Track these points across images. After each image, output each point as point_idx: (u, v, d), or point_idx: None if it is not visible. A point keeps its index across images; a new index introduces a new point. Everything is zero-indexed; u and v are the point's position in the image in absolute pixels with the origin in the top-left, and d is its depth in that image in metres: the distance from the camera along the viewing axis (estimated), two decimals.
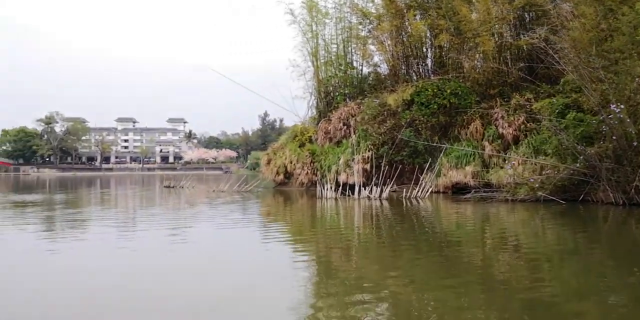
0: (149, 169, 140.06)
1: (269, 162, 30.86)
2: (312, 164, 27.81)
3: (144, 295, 5.89)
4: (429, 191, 21.52)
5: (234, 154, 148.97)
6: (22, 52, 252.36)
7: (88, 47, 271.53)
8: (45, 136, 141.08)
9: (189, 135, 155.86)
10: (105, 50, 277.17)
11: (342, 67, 30.45)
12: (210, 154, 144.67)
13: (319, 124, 28.97)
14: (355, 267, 7.66)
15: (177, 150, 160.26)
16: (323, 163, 27.04)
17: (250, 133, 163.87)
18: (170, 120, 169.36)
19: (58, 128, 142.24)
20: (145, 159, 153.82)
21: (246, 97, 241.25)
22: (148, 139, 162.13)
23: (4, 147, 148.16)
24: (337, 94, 30.15)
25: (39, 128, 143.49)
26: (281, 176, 29.58)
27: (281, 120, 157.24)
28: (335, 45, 31.33)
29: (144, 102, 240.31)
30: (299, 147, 29.49)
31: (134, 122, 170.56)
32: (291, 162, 28.81)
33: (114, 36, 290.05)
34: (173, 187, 35.14)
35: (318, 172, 27.26)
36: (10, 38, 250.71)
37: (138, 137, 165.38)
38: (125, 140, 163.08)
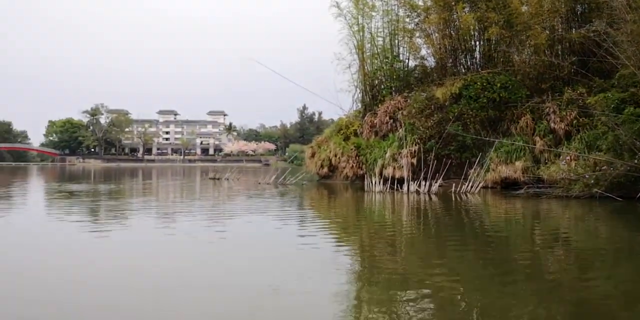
0: (190, 161, 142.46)
1: (313, 155, 31.05)
2: (357, 158, 27.84)
3: (205, 281, 6.12)
4: (479, 186, 21.32)
5: (272, 146, 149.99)
6: (59, 44, 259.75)
7: (126, 39, 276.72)
8: (91, 127, 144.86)
9: (229, 128, 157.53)
10: (139, 42, 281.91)
11: (388, 60, 30.29)
12: (250, 146, 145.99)
13: (365, 118, 28.94)
14: (401, 261, 7.66)
15: (217, 142, 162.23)
16: (368, 157, 27.05)
17: (288, 126, 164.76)
18: (211, 113, 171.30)
19: (103, 120, 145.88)
20: (186, 151, 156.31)
21: (285, 90, 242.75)
22: (189, 131, 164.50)
23: (51, 138, 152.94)
24: (382, 87, 30.06)
25: (84, 119, 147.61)
26: (325, 169, 29.71)
27: (320, 114, 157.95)
28: (382, 38, 31.20)
29: (185, 94, 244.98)
30: (344, 140, 29.53)
31: (175, 115, 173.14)
32: (336, 156, 28.89)
33: (153, 29, 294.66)
34: (218, 179, 35.67)
35: (363, 166, 27.29)
36: (54, 33, 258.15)
37: (179, 129, 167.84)
38: (167, 132, 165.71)
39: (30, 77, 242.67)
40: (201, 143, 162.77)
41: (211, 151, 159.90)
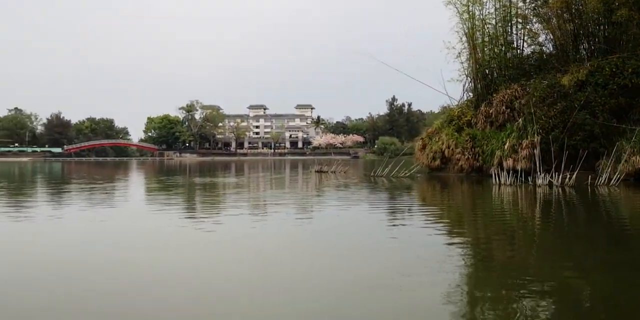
0: (280, 154, 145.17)
1: (424, 147, 30.59)
2: (472, 149, 27.13)
3: (321, 274, 5.92)
4: (620, 179, 20.06)
5: (360, 139, 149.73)
6: (153, 44, 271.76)
7: (210, 37, 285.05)
8: (186, 123, 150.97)
9: (317, 121, 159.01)
10: (226, 35, 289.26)
11: (502, 48, 29.26)
12: (338, 139, 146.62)
13: (480, 108, 28.10)
14: (531, 259, 7.23)
15: (304, 135, 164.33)
16: (485, 148, 26.30)
17: (375, 117, 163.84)
18: (299, 107, 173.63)
19: (197, 115, 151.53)
20: (276, 144, 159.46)
21: (374, 83, 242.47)
22: (277, 125, 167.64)
23: (150, 134, 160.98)
24: (496, 75, 29.09)
25: (180, 116, 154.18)
26: (437, 162, 29.16)
27: (409, 105, 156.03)
28: (493, 26, 30.17)
29: (274, 88, 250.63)
30: (456, 131, 28.87)
31: (265, 109, 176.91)
32: (449, 147, 28.30)
33: (242, 26, 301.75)
34: (324, 172, 35.96)
35: (479, 158, 26.57)
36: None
37: (268, 124, 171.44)
38: (257, 127, 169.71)
39: (130, 76, 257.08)
40: (290, 136, 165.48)
41: (299, 144, 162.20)
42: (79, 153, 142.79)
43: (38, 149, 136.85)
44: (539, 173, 21.16)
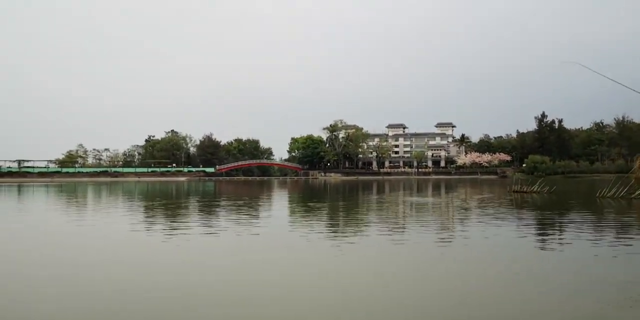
0: (424, 174, 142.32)
1: None
2: None
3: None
4: None
5: (507, 157, 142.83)
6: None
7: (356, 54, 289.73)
8: (329, 143, 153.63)
9: (462, 139, 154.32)
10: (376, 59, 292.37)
11: None
12: (484, 157, 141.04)
13: None
14: None
15: (446, 154, 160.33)
16: None
17: (511, 136, 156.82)
18: (439, 125, 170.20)
19: (340, 135, 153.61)
20: (420, 164, 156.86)
21: (516, 97, 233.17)
22: (417, 144, 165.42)
23: (293, 154, 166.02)
24: None
25: (323, 135, 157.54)
26: None
27: (560, 122, 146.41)
28: None
29: (412, 108, 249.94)
30: None
31: (404, 128, 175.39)
32: None
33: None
34: (524, 192, 33.55)
35: None
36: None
37: (407, 143, 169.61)
38: (396, 146, 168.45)
39: (274, 99, 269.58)
40: (432, 155, 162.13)
41: (442, 163, 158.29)
42: (229, 173, 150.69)
43: (193, 169, 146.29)
44: None
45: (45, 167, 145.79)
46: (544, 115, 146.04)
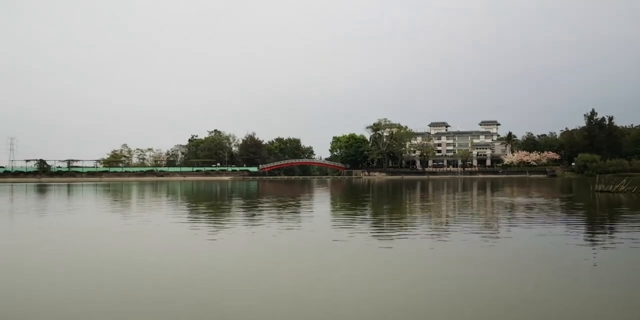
0: (470, 173, 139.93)
1: None
2: None
3: None
4: None
5: (555, 156, 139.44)
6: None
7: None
8: (372, 142, 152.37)
9: (509, 138, 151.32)
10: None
11: None
12: (532, 156, 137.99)
13: None
14: None
15: (491, 152, 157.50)
16: None
17: (557, 133, 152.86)
18: (483, 123, 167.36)
19: (385, 134, 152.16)
20: (462, 163, 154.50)
21: (563, 96, 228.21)
22: (460, 143, 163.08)
23: (335, 153, 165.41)
24: None
25: (366, 134, 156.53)
26: None
27: (610, 119, 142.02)
28: None
29: (454, 106, 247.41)
30: None
31: (447, 127, 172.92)
32: None
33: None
34: (609, 191, 32.33)
35: None
36: None
37: (450, 141, 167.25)
38: (438, 144, 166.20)
39: (319, 100, 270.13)
40: (477, 154, 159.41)
41: (488, 162, 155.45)
42: (271, 172, 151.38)
43: (237, 168, 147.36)
44: None
45: (93, 167, 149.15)
46: (593, 113, 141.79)
